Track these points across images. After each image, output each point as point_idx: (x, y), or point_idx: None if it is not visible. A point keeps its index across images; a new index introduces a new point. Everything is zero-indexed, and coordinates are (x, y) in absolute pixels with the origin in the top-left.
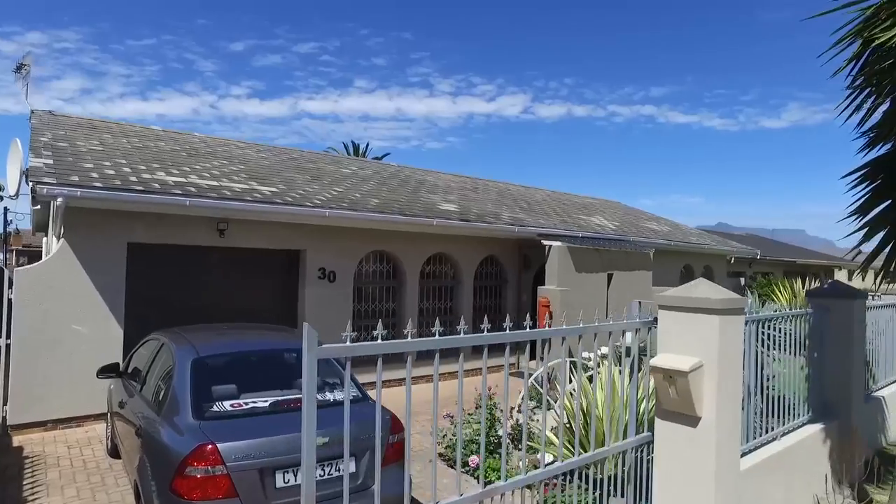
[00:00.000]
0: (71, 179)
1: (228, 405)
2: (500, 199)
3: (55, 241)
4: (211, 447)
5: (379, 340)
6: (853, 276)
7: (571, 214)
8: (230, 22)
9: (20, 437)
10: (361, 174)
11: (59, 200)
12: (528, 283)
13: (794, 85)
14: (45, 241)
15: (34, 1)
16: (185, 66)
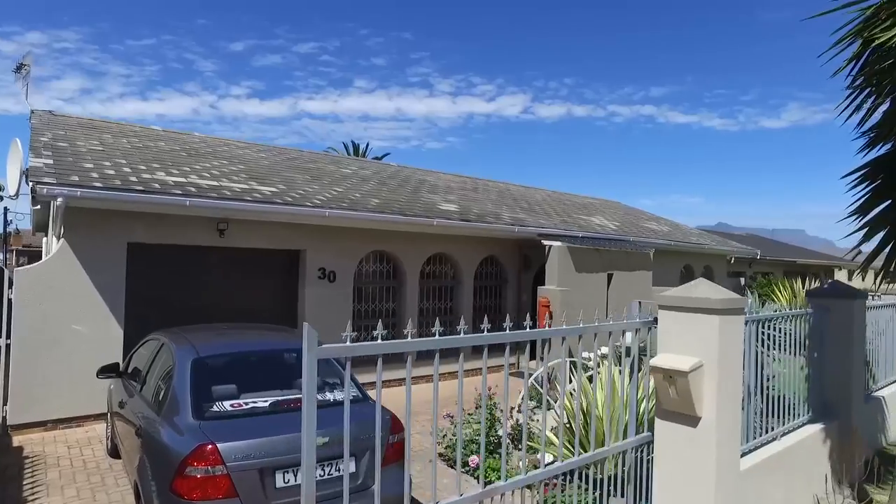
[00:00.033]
0: (71, 179)
1: (228, 405)
2: (500, 199)
3: (55, 241)
4: (211, 447)
5: (379, 340)
6: (853, 276)
7: (572, 214)
8: (230, 22)
9: (20, 437)
10: (361, 174)
11: (59, 200)
12: (528, 283)
13: (793, 85)
14: (45, 241)
15: (34, 1)
16: (184, 66)
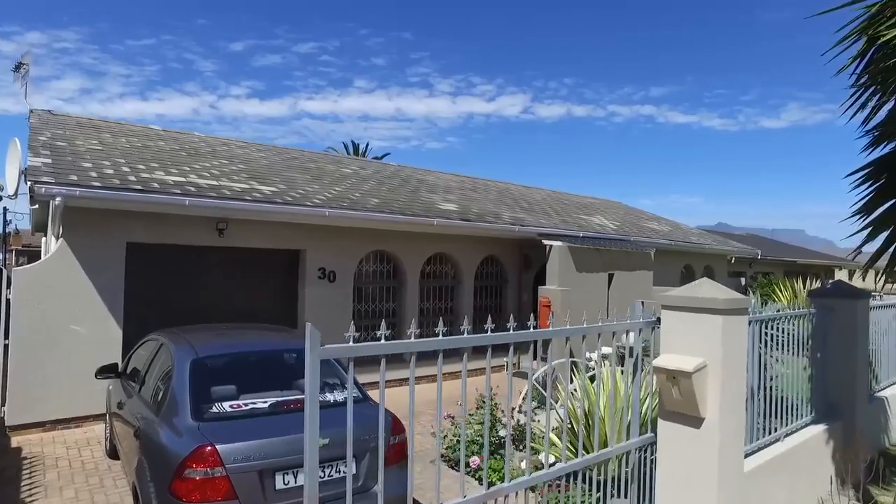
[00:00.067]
0: (69, 179)
1: (228, 406)
2: (500, 198)
3: (54, 240)
4: (210, 449)
5: (382, 341)
6: (853, 276)
7: (572, 214)
8: (230, 22)
9: (19, 437)
10: (361, 174)
11: (57, 200)
12: (528, 282)
13: (793, 85)
14: (44, 241)
15: (34, 1)
16: (184, 66)
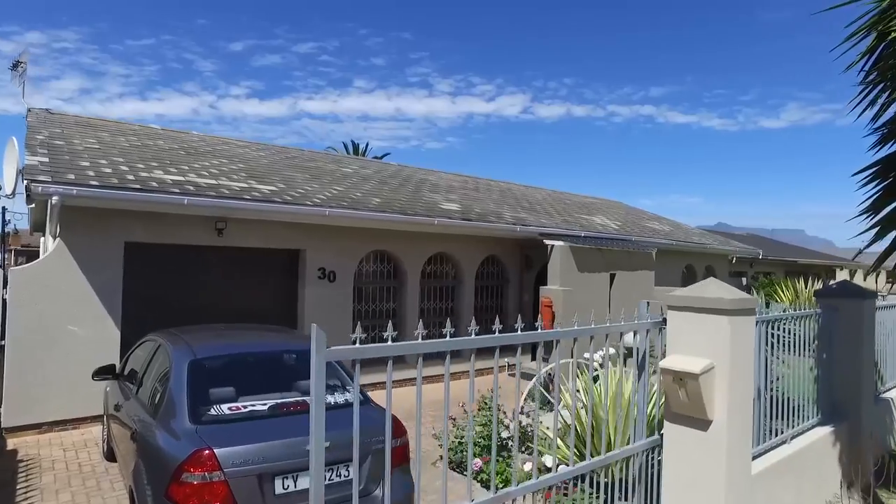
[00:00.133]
0: (67, 178)
1: (226, 408)
2: (501, 198)
3: (51, 240)
4: (208, 452)
5: (389, 342)
6: (854, 276)
7: (573, 214)
8: (229, 22)
9: (14, 439)
10: (362, 173)
11: (54, 199)
12: (529, 282)
13: (793, 85)
14: (42, 240)
15: (33, 1)
16: (184, 66)
